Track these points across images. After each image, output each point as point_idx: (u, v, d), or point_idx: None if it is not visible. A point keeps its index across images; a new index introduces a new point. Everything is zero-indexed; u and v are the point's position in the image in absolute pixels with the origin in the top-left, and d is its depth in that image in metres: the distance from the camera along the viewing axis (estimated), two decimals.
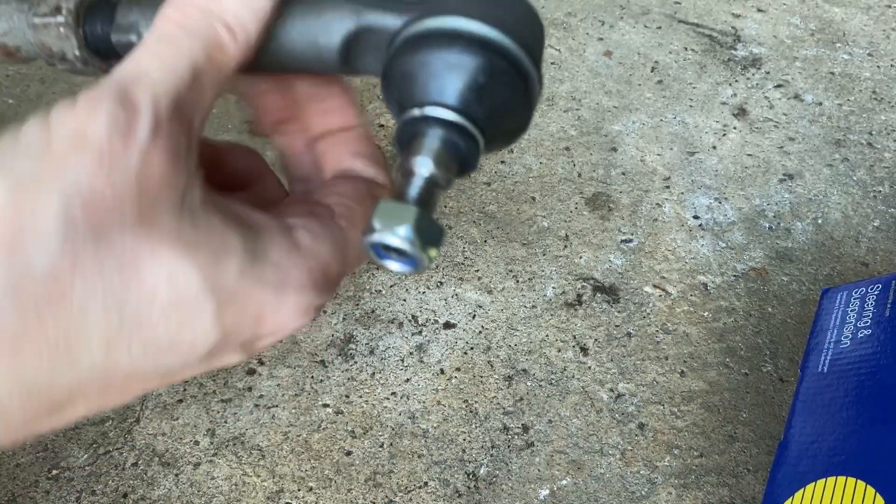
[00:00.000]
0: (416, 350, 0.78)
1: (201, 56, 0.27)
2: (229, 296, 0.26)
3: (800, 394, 0.65)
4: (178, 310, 0.25)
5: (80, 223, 0.24)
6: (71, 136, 0.24)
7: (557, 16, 1.13)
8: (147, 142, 0.24)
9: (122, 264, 0.24)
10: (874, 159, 0.95)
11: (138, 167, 0.24)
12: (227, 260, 0.26)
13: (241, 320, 0.26)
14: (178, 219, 0.25)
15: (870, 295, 0.67)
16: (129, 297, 0.24)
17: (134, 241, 0.24)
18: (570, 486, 0.70)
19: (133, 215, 0.24)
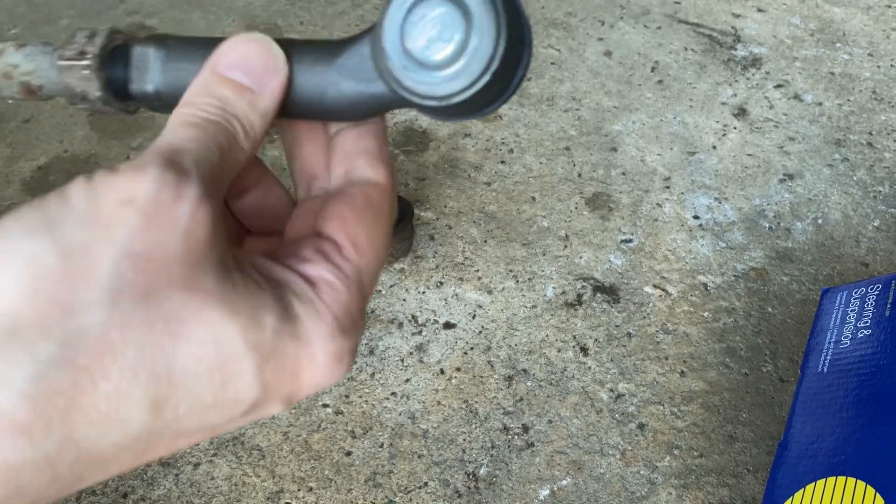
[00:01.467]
0: (415, 350, 0.78)
1: (225, 142, 0.29)
2: (268, 353, 0.27)
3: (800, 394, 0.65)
4: (222, 370, 0.26)
5: (130, 286, 0.24)
6: (119, 199, 0.25)
7: (557, 16, 1.13)
8: (196, 201, 0.25)
9: (170, 327, 0.25)
10: (874, 159, 0.95)
11: (186, 226, 0.25)
12: (264, 318, 0.27)
13: (280, 375, 0.27)
14: (220, 280, 0.26)
15: (870, 295, 0.67)
16: (177, 359, 0.25)
17: (181, 303, 0.25)
18: (570, 486, 0.70)
19: (180, 276, 0.25)
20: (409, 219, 0.85)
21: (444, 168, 0.94)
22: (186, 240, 0.25)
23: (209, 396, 0.26)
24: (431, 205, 0.90)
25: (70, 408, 0.24)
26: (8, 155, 0.97)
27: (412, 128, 0.99)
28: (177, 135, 0.28)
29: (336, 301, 0.29)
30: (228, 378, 0.26)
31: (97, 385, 0.24)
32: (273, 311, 0.27)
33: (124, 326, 0.24)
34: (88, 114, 1.02)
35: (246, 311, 0.26)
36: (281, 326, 0.27)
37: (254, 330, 0.26)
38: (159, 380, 0.25)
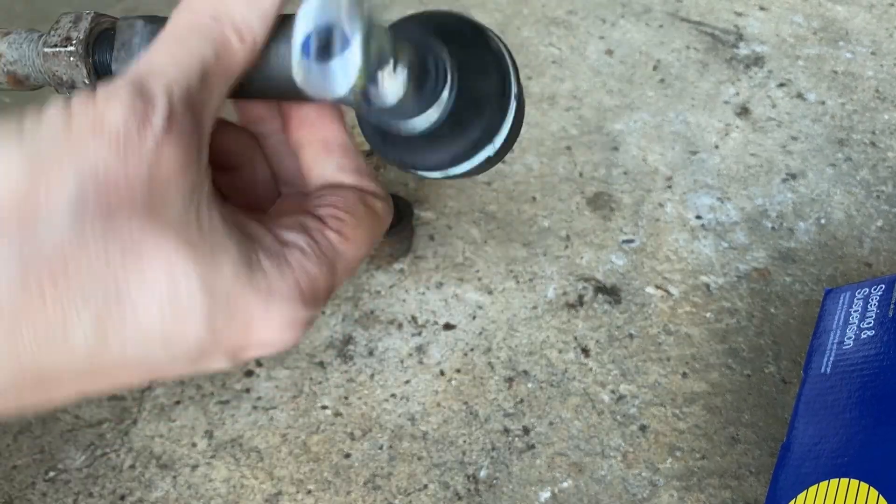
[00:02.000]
0: (415, 351, 0.78)
1: (210, 55, 0.27)
2: (222, 298, 0.26)
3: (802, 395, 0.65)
4: (172, 304, 0.25)
5: (92, 204, 0.24)
6: (90, 122, 0.25)
7: (558, 14, 1.13)
8: (161, 130, 0.25)
9: (126, 251, 0.24)
10: (877, 159, 0.95)
11: (152, 155, 0.25)
12: (224, 262, 0.26)
13: (230, 324, 0.27)
14: (184, 214, 0.26)
15: (873, 295, 0.67)
16: (129, 285, 0.25)
17: (140, 229, 0.25)
18: (572, 488, 0.69)
19: (143, 203, 0.25)
20: (409, 219, 0.84)
21: None
22: (150, 168, 0.25)
23: (157, 329, 0.26)
24: (431, 205, 0.90)
25: (16, 321, 0.24)
26: None
27: None
28: (157, 52, 0.27)
29: (303, 268, 0.28)
30: (178, 314, 0.26)
31: (45, 299, 0.24)
32: (235, 256, 0.27)
33: (81, 246, 0.24)
34: None
35: (206, 251, 0.26)
36: (240, 273, 0.27)
37: (211, 270, 0.26)
38: (108, 302, 0.25)
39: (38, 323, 0.24)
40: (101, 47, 0.31)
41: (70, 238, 0.24)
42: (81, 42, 0.31)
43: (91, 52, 0.31)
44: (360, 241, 0.31)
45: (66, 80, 0.31)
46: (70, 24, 0.31)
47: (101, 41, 0.31)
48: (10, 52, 0.32)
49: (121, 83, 0.26)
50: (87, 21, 0.31)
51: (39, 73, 0.32)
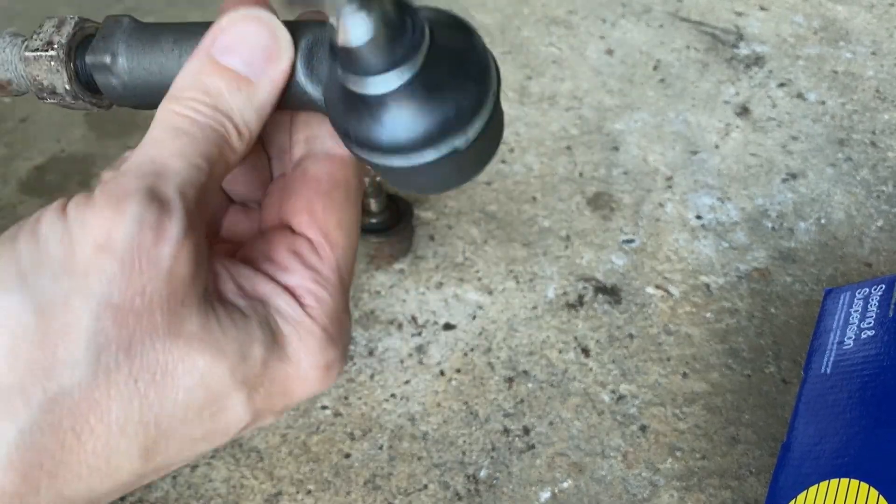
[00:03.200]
0: (415, 351, 0.78)
1: (216, 153, 0.26)
2: (257, 382, 0.26)
3: (803, 395, 0.65)
4: (211, 407, 0.26)
5: (111, 340, 0.23)
6: (95, 244, 0.23)
7: (559, 13, 1.13)
8: (179, 240, 0.24)
9: (155, 378, 0.24)
10: (877, 159, 0.94)
11: (169, 268, 0.24)
12: (252, 352, 0.26)
13: (270, 398, 0.27)
14: (204, 320, 0.25)
15: (873, 295, 0.67)
16: (165, 407, 0.25)
17: (165, 351, 0.24)
18: (572, 488, 0.69)
19: (162, 323, 0.24)
20: (409, 219, 0.84)
21: None
22: (168, 283, 0.24)
23: (198, 432, 0.26)
24: (431, 205, 0.90)
25: (58, 468, 0.23)
26: (4, 154, 0.96)
27: None
28: (162, 146, 0.25)
29: (322, 312, 0.28)
30: (218, 412, 0.26)
31: (84, 443, 0.24)
32: (260, 341, 0.26)
33: (108, 384, 0.23)
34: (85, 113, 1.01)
35: (233, 349, 0.26)
36: (269, 354, 0.26)
37: (242, 366, 0.26)
38: (148, 429, 0.24)
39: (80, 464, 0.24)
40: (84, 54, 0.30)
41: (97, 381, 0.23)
42: (63, 46, 0.30)
43: (73, 57, 0.30)
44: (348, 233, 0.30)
45: (46, 85, 0.30)
46: (53, 28, 0.30)
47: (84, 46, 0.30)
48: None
49: (128, 188, 0.24)
50: (69, 25, 0.30)
51: (21, 77, 0.30)
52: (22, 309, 0.23)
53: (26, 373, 0.23)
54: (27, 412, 0.23)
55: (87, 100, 0.31)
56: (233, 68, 0.27)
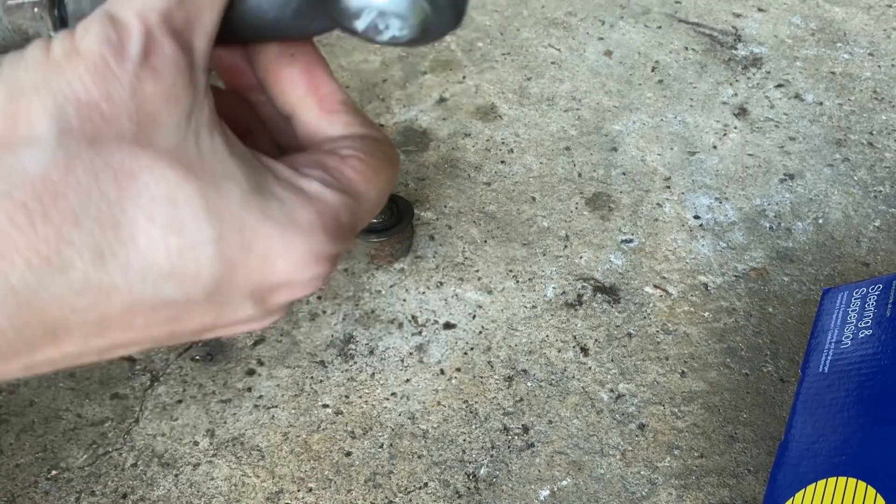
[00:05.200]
0: (416, 350, 0.78)
1: None
2: (232, 225, 0.25)
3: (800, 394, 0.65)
4: (176, 232, 0.24)
5: (76, 127, 0.23)
6: (66, 51, 0.24)
7: (558, 15, 1.13)
8: (139, 57, 0.24)
9: (118, 177, 0.23)
10: (875, 159, 0.95)
11: (133, 82, 0.24)
12: (230, 186, 0.25)
13: (246, 257, 0.25)
14: (180, 139, 0.24)
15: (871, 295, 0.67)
16: (125, 211, 0.23)
17: (131, 154, 0.24)
18: (571, 486, 0.70)
19: (130, 131, 0.24)
20: (409, 219, 0.85)
21: (443, 168, 0.94)
22: (134, 96, 0.24)
23: (163, 261, 0.24)
24: (431, 205, 0.90)
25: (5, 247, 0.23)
26: None
27: (412, 128, 0.99)
28: None
29: (323, 198, 0.27)
30: (185, 244, 0.24)
31: (35, 225, 0.23)
32: (242, 181, 0.25)
33: (67, 168, 0.23)
34: None
35: (209, 175, 0.24)
36: (250, 200, 0.25)
37: (215, 194, 0.24)
38: (104, 228, 0.23)
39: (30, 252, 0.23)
40: None
41: (55, 161, 0.23)
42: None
43: (56, 4, 0.30)
44: (379, 184, 0.29)
45: (31, 34, 0.30)
46: None
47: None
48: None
49: (95, 14, 0.25)
50: None
51: (7, 30, 0.30)
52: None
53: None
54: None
55: None
56: None
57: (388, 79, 1.05)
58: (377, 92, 1.03)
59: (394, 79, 1.04)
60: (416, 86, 1.03)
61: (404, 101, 1.02)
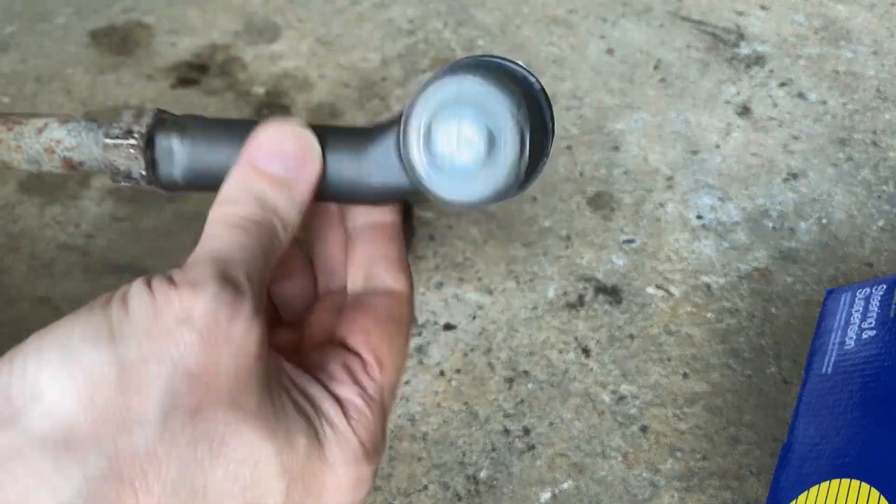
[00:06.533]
0: (415, 352, 0.78)
1: (268, 244, 0.29)
2: (297, 474, 0.27)
3: (804, 396, 0.65)
4: (254, 488, 0.26)
5: (182, 404, 0.25)
6: (177, 316, 0.25)
7: (559, 13, 1.13)
8: (250, 319, 0.26)
9: (212, 445, 0.26)
10: (879, 158, 0.94)
11: (240, 344, 0.26)
12: (298, 442, 0.27)
13: (306, 496, 0.28)
14: (262, 400, 0.27)
15: (874, 296, 0.67)
16: (215, 476, 0.26)
17: (225, 422, 0.26)
18: (572, 489, 0.69)
19: (227, 396, 0.26)
20: (409, 219, 0.84)
21: None
22: (238, 358, 0.26)
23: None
24: (431, 205, 0.90)
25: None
26: None
27: None
28: (224, 240, 0.28)
29: (363, 427, 0.30)
30: (259, 496, 0.27)
31: (139, 498, 0.25)
32: (305, 434, 0.28)
33: (171, 444, 0.25)
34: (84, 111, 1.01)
35: (282, 434, 0.27)
36: (311, 450, 0.28)
37: (288, 452, 0.27)
38: (196, 495, 0.25)
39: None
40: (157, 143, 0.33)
41: (160, 436, 0.25)
42: (143, 136, 0.32)
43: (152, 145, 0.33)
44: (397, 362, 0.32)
45: (123, 170, 0.33)
46: (132, 118, 0.33)
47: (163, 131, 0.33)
48: (68, 138, 0.33)
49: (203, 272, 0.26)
50: (148, 116, 0.33)
51: (96, 161, 0.33)
52: (107, 364, 0.25)
53: (101, 423, 0.25)
54: (96, 462, 0.24)
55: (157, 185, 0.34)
56: (273, 173, 0.31)
57: (387, 77, 1.04)
58: (377, 90, 1.02)
59: (394, 77, 1.04)
60: (416, 84, 1.03)
61: (404, 100, 1.01)
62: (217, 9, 1.13)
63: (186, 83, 1.03)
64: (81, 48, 1.08)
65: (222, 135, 0.33)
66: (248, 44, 1.08)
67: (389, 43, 1.08)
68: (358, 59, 1.06)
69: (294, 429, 0.27)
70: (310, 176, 0.31)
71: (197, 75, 1.04)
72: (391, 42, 1.08)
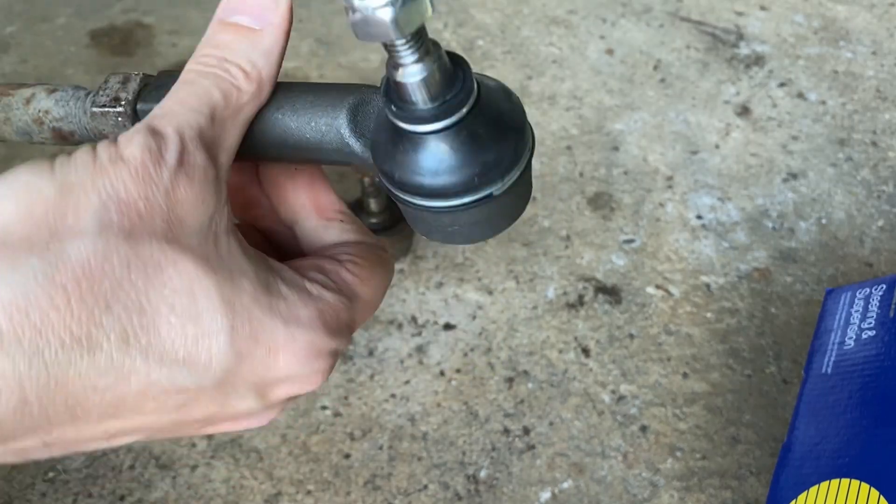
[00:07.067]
0: (415, 351, 0.78)
1: (219, 97, 0.29)
2: (243, 318, 0.27)
3: (803, 395, 0.65)
4: (194, 322, 0.27)
5: (115, 222, 0.26)
6: (111, 157, 0.27)
7: (559, 13, 1.13)
8: (175, 165, 0.27)
9: (147, 269, 0.26)
10: (878, 158, 0.94)
11: (168, 186, 0.27)
12: (243, 284, 0.28)
13: (253, 348, 0.28)
14: (203, 240, 0.27)
15: (874, 295, 0.67)
16: (150, 300, 0.26)
17: (161, 250, 0.26)
18: (572, 488, 0.69)
19: (162, 229, 0.27)
20: None
21: None
22: (167, 199, 0.27)
23: (180, 347, 0.26)
24: None
25: (43, 324, 0.25)
26: (3, 154, 0.96)
27: None
28: (170, 98, 0.29)
29: (324, 298, 0.30)
30: (200, 333, 0.27)
31: (71, 306, 0.25)
32: (254, 280, 0.28)
33: (104, 257, 0.25)
34: None
35: (224, 272, 0.27)
36: (260, 296, 0.28)
37: (230, 289, 0.27)
38: (130, 314, 0.26)
39: (63, 327, 0.25)
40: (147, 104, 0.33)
41: (95, 250, 0.25)
42: (130, 103, 0.32)
43: (136, 113, 0.33)
44: (375, 285, 0.32)
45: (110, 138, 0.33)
46: (119, 84, 0.33)
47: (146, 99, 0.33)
48: (56, 108, 0.33)
49: (138, 127, 0.28)
50: (135, 82, 0.33)
51: (85, 130, 0.33)
52: (45, 183, 0.26)
53: (36, 230, 0.25)
54: (28, 261, 0.25)
55: None
56: (238, 23, 0.31)
57: None
58: None
59: None
60: None
61: None
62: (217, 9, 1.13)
63: None
64: (81, 48, 1.08)
65: None
66: None
67: None
68: (358, 60, 1.06)
69: (239, 271, 0.28)
70: (278, 20, 0.31)
71: None
72: None
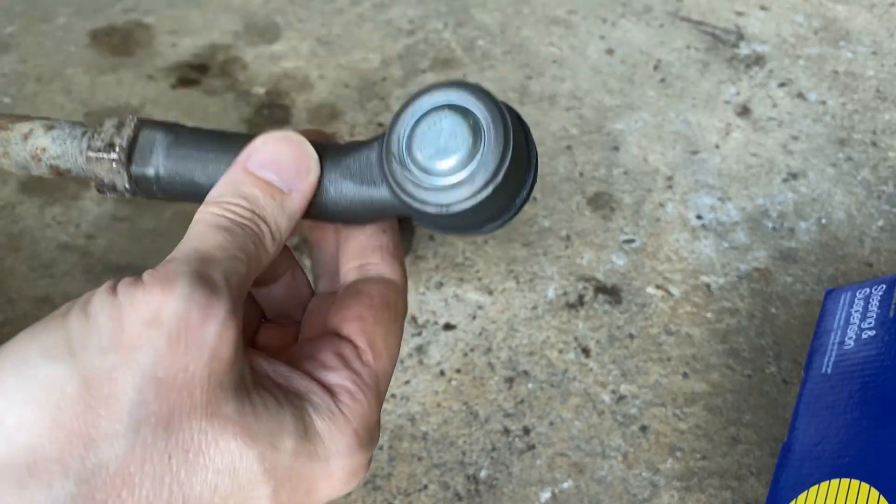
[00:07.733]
0: (415, 351, 0.78)
1: (252, 249, 0.28)
2: (284, 476, 0.26)
3: (803, 395, 0.65)
4: (236, 496, 0.25)
5: (152, 415, 0.24)
6: (144, 319, 0.24)
7: (559, 13, 1.13)
8: (224, 321, 0.25)
9: (188, 456, 0.24)
10: (878, 158, 0.94)
11: (213, 348, 0.24)
12: (283, 442, 0.26)
13: (294, 495, 0.27)
14: (239, 405, 0.26)
15: (874, 295, 0.67)
16: (193, 489, 0.24)
17: (200, 431, 0.25)
18: (572, 488, 0.69)
19: (201, 402, 0.24)
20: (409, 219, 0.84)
21: None
22: (211, 363, 0.25)
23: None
24: None
25: None
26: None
27: None
28: (205, 239, 0.27)
29: (356, 413, 0.29)
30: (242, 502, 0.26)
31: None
32: (292, 433, 0.27)
33: (143, 459, 0.24)
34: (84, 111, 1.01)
35: (264, 437, 0.26)
36: (299, 448, 0.27)
37: (272, 454, 0.26)
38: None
39: None
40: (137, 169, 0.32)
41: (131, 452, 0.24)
42: (124, 150, 0.31)
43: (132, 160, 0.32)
44: (392, 350, 0.31)
45: (107, 182, 0.32)
46: (113, 129, 0.32)
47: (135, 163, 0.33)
48: (53, 147, 0.33)
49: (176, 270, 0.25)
50: (129, 128, 0.32)
51: (81, 170, 0.33)
52: (68, 380, 0.23)
53: (67, 444, 0.23)
54: (63, 485, 0.23)
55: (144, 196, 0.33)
56: (268, 180, 0.29)
57: (387, 77, 1.04)
58: (377, 90, 1.02)
59: (394, 77, 1.04)
60: (416, 84, 1.03)
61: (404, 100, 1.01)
62: (217, 9, 1.13)
63: (187, 83, 1.03)
64: (82, 48, 1.08)
65: (208, 146, 0.32)
66: (248, 44, 1.08)
67: (389, 43, 1.08)
68: (358, 60, 1.07)
69: (278, 430, 0.26)
70: (305, 187, 0.30)
71: (197, 75, 1.04)
72: (391, 42, 1.08)
